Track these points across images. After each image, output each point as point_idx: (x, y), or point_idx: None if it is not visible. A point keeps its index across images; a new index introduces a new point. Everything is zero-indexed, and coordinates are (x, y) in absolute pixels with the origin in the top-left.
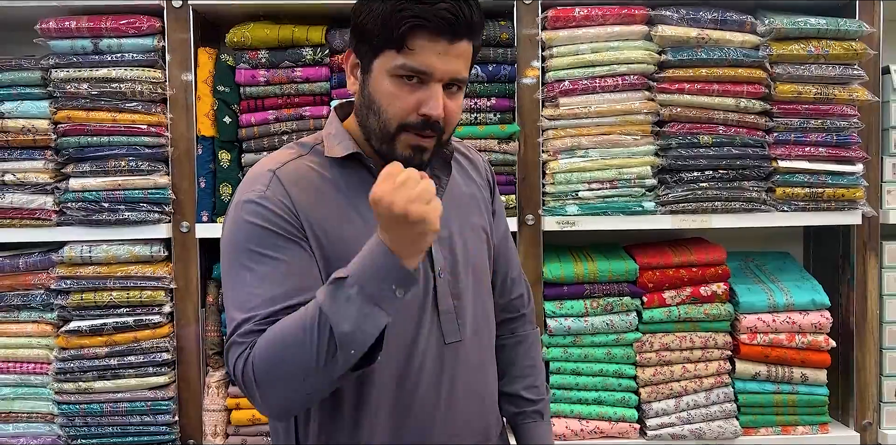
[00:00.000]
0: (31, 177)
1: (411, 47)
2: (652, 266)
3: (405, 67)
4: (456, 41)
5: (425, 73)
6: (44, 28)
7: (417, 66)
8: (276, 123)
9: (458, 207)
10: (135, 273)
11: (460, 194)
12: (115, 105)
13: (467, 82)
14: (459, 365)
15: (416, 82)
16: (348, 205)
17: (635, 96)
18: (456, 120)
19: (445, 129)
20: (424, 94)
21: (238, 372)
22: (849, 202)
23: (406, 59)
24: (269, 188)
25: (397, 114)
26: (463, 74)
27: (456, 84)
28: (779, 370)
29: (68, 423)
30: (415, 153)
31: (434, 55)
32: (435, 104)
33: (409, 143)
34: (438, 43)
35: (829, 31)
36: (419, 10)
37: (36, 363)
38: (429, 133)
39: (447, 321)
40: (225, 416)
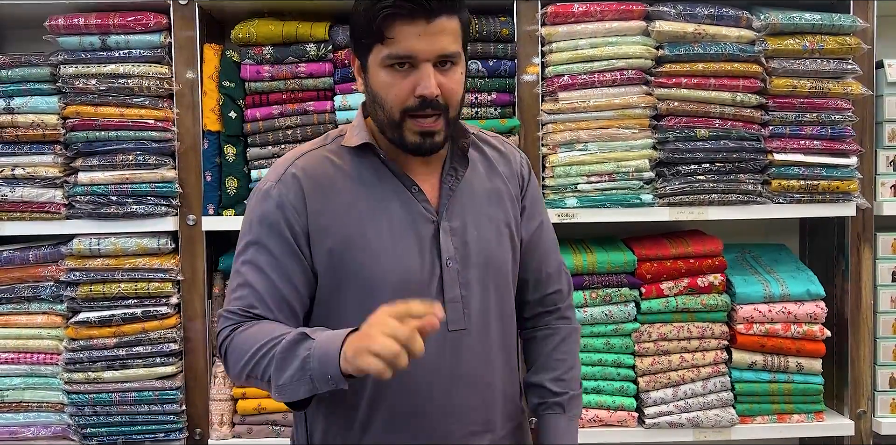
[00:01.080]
0: (40, 171)
1: (391, 36)
2: (650, 258)
3: (391, 56)
4: (433, 19)
5: (410, 56)
6: (53, 25)
7: (400, 52)
8: (280, 118)
9: (474, 199)
10: (142, 265)
11: (480, 187)
12: (122, 100)
13: (462, 56)
14: (463, 353)
15: (407, 68)
16: (356, 192)
17: (633, 91)
18: (456, 95)
19: (449, 105)
20: (416, 76)
21: (218, 343)
22: (843, 194)
23: (389, 48)
24: (282, 180)
25: (396, 101)
26: (449, 49)
27: (447, 60)
28: (774, 359)
29: (78, 412)
30: (424, 138)
31: (414, 38)
32: (426, 83)
33: (414, 130)
34: (415, 25)
35: (824, 27)
36: (386, 2)
37: (46, 354)
38: (430, 113)
39: (452, 309)
40: (231, 405)
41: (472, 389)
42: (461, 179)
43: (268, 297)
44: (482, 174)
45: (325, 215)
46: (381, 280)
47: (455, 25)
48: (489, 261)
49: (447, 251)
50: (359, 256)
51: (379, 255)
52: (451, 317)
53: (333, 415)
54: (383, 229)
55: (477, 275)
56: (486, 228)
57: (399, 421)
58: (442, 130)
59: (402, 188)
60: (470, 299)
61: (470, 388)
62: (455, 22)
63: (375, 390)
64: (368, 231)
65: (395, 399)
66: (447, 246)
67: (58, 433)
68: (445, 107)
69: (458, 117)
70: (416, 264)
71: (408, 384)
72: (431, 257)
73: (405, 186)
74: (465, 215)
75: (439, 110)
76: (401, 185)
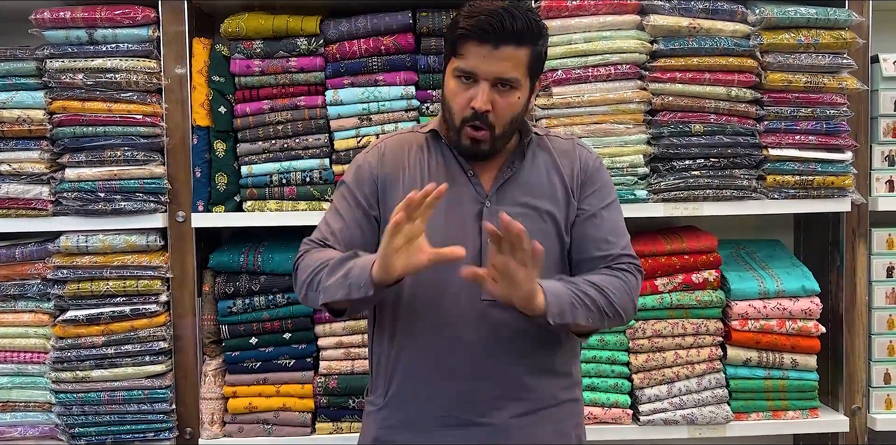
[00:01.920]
0: (26, 167)
1: (462, 53)
2: (644, 254)
3: (459, 69)
4: (499, 46)
5: (472, 73)
6: (38, 19)
7: (466, 67)
8: (271, 113)
9: (522, 188)
10: (131, 263)
11: (535, 181)
12: (110, 95)
13: (524, 83)
14: (495, 324)
15: (470, 82)
16: (422, 167)
17: (627, 85)
18: (506, 115)
19: (496, 123)
20: (474, 91)
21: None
22: (838, 190)
23: (459, 62)
24: (369, 153)
25: (458, 109)
26: (507, 74)
27: (506, 83)
28: (769, 355)
29: (65, 412)
30: (472, 144)
31: (479, 59)
32: (479, 98)
33: (468, 136)
34: (483, 48)
35: (819, 21)
36: (465, 23)
37: (33, 353)
38: (479, 125)
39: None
40: (222, 404)
41: (502, 359)
42: (514, 170)
43: (339, 234)
44: (541, 170)
45: (394, 181)
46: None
47: (521, 54)
48: None
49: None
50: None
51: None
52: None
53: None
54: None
55: None
56: (529, 215)
57: (424, 383)
58: (489, 140)
59: (460, 171)
60: None
61: (500, 357)
62: (523, 52)
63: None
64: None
65: (422, 360)
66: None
67: (45, 433)
68: (492, 125)
69: (508, 134)
70: (459, 236)
71: (439, 348)
72: (475, 233)
73: (463, 169)
74: (513, 202)
75: (485, 126)
76: (460, 168)
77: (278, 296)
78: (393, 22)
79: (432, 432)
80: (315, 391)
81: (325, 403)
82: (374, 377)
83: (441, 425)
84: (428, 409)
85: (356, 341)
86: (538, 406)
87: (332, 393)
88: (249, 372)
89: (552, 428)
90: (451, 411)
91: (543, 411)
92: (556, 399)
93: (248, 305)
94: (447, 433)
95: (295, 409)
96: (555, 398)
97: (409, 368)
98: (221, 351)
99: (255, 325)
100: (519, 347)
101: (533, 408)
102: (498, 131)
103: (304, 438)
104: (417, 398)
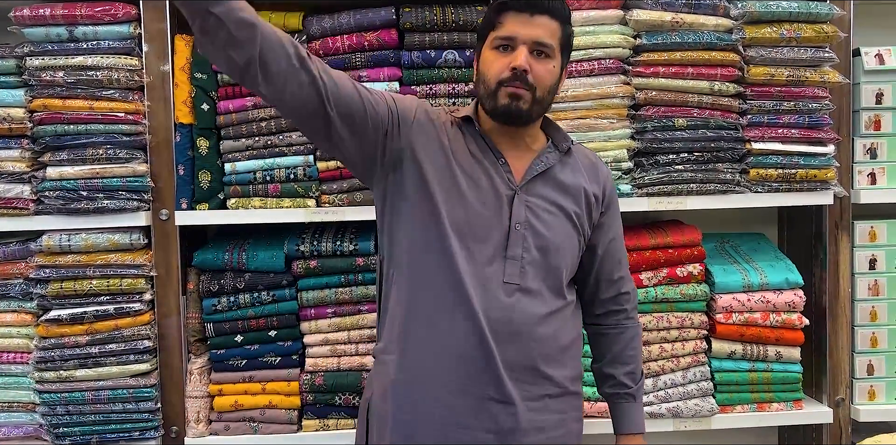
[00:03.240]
0: (7, 166)
1: (501, 22)
2: (629, 248)
3: (498, 38)
4: (536, 15)
5: (511, 37)
6: (18, 16)
7: (504, 34)
8: (254, 110)
9: (553, 187)
10: (114, 261)
11: (563, 179)
12: (91, 93)
13: (558, 54)
14: (515, 305)
15: (509, 51)
16: (459, 147)
17: (611, 80)
18: (546, 80)
19: (537, 85)
20: (513, 56)
21: None
22: (821, 183)
23: (497, 32)
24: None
25: (495, 73)
26: (544, 39)
27: (542, 51)
28: (754, 348)
29: (50, 412)
30: (512, 100)
31: (518, 25)
32: (520, 58)
33: (506, 92)
34: (521, 16)
35: (801, 15)
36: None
37: (16, 353)
38: (519, 84)
39: (511, 265)
40: (208, 402)
41: (521, 339)
42: (549, 167)
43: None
44: (569, 171)
45: (433, 148)
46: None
47: (555, 26)
48: (548, 243)
49: (518, 216)
50: (450, 187)
51: (463, 194)
52: (508, 271)
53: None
54: (470, 179)
55: (537, 246)
56: (554, 211)
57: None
58: (528, 99)
59: (493, 158)
60: (528, 261)
61: (519, 337)
62: (556, 24)
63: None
64: (457, 176)
65: (442, 339)
66: (519, 212)
67: (30, 433)
68: (533, 86)
69: (547, 103)
70: (488, 217)
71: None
72: (503, 218)
73: (495, 157)
74: (540, 196)
75: (528, 85)
76: (492, 155)
77: (263, 294)
78: (376, 18)
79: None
80: (301, 388)
81: (311, 400)
82: (388, 324)
83: (455, 390)
84: (443, 364)
85: (342, 338)
86: (546, 392)
87: (318, 390)
88: (235, 370)
89: (557, 417)
90: (463, 377)
91: (550, 399)
92: (562, 389)
93: (233, 303)
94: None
95: (281, 407)
96: (560, 386)
97: (425, 330)
98: (207, 349)
99: (241, 323)
100: (534, 331)
101: (541, 394)
102: (539, 94)
103: (291, 435)
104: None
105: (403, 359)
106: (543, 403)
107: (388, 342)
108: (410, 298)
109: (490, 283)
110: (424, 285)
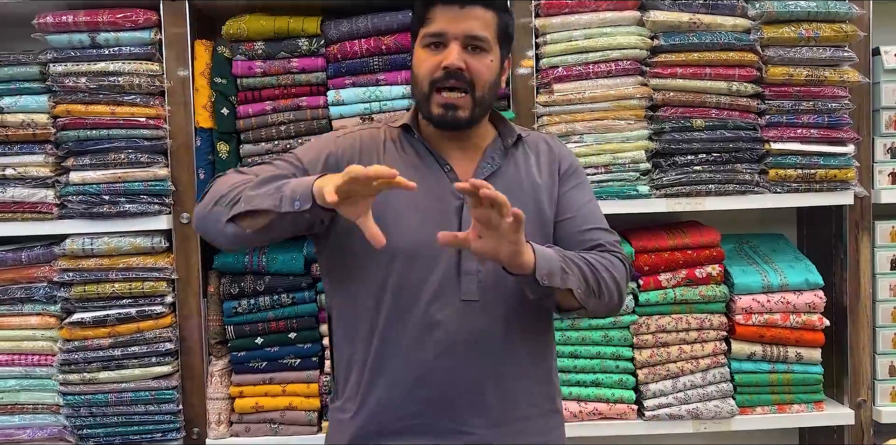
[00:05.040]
0: (31, 171)
1: (429, 17)
2: (647, 250)
3: (427, 35)
4: (468, 7)
5: (440, 33)
6: (41, 23)
7: (434, 30)
8: (273, 114)
9: (506, 188)
10: (136, 265)
11: (516, 179)
12: (113, 98)
13: (495, 47)
14: (475, 324)
15: (440, 48)
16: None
17: (628, 82)
18: (483, 76)
19: (475, 84)
20: (444, 52)
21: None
22: (841, 183)
23: (427, 28)
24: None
25: (426, 73)
26: (478, 32)
27: (476, 45)
28: (774, 349)
29: (73, 414)
30: (447, 111)
31: (446, 19)
32: (451, 56)
33: (439, 102)
34: (450, 9)
35: (820, 14)
36: None
37: (40, 355)
38: (453, 84)
39: (467, 281)
40: (228, 404)
41: (482, 362)
42: (496, 168)
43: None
44: (523, 169)
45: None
46: (397, 243)
47: (489, 17)
48: None
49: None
50: (383, 217)
51: (402, 219)
52: (464, 288)
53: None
54: (412, 198)
55: None
56: None
57: (401, 387)
58: (467, 106)
59: (436, 167)
60: (486, 274)
61: (480, 361)
62: (490, 14)
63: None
64: (397, 198)
65: (400, 363)
66: (469, 221)
67: (54, 434)
68: (471, 83)
69: (488, 102)
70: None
71: (416, 349)
72: (455, 230)
73: (439, 164)
74: None
75: (464, 84)
76: (436, 163)
77: (283, 296)
78: (393, 21)
79: (410, 440)
80: (321, 389)
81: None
82: (342, 381)
83: (420, 432)
84: (406, 415)
85: None
86: (521, 414)
87: None
88: (255, 372)
89: (538, 440)
90: (429, 417)
91: (526, 421)
92: (539, 408)
93: (253, 305)
94: (424, 441)
95: (301, 408)
96: (536, 406)
97: (386, 371)
98: (227, 352)
99: (261, 325)
100: (499, 351)
101: (515, 417)
102: (478, 93)
103: (311, 437)
104: (395, 403)
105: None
106: (520, 426)
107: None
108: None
109: (447, 305)
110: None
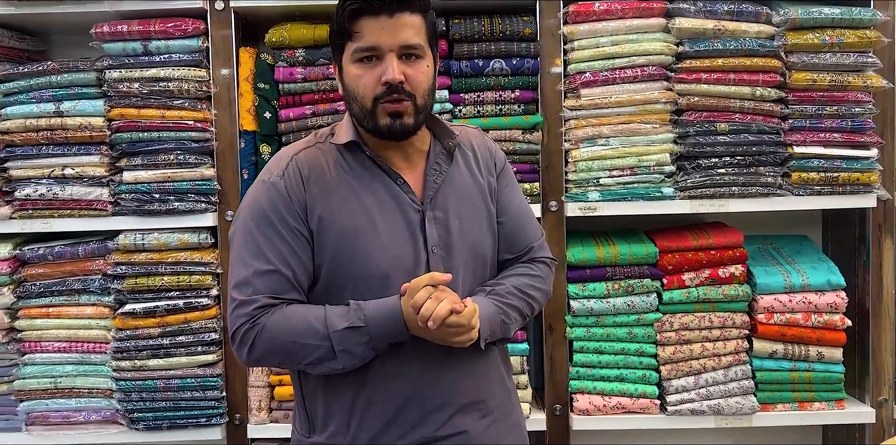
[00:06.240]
0: (88, 170)
1: (357, 30)
2: (671, 250)
3: (359, 50)
4: (394, 14)
5: (374, 48)
6: (98, 32)
7: (366, 44)
8: (312, 118)
9: (456, 192)
10: (184, 259)
11: (462, 182)
12: (163, 103)
13: (428, 51)
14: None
15: (374, 62)
16: (349, 184)
17: (654, 87)
18: (424, 84)
19: (415, 93)
20: (382, 66)
21: (241, 331)
22: (864, 186)
23: (357, 42)
24: (286, 173)
25: (367, 90)
26: (411, 41)
27: (411, 53)
28: (795, 348)
29: (125, 398)
30: (394, 119)
31: (377, 31)
32: (389, 71)
33: (385, 111)
34: (378, 20)
35: (844, 21)
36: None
37: (95, 343)
38: (396, 97)
39: None
40: (269, 392)
41: (461, 367)
42: (444, 173)
43: (295, 281)
44: (464, 171)
45: (325, 205)
46: (376, 267)
47: (418, 22)
48: (472, 247)
49: (432, 239)
50: (357, 244)
51: (375, 243)
52: None
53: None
54: (377, 219)
55: (461, 260)
56: (468, 218)
57: (391, 403)
58: (411, 113)
59: (389, 181)
60: (455, 283)
61: (459, 366)
62: (418, 19)
63: (368, 374)
64: (364, 221)
65: (387, 381)
66: (432, 234)
67: (107, 417)
68: (412, 94)
69: (429, 107)
70: (407, 251)
71: (398, 366)
72: (419, 245)
73: (392, 178)
74: (447, 206)
75: (406, 97)
76: (388, 178)
77: None
78: None
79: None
80: None
81: None
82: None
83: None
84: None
85: None
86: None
87: None
88: None
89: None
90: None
91: (507, 420)
92: (512, 405)
93: None
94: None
95: None
96: (510, 402)
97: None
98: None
99: None
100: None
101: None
102: (420, 101)
103: None
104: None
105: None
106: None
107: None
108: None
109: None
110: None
